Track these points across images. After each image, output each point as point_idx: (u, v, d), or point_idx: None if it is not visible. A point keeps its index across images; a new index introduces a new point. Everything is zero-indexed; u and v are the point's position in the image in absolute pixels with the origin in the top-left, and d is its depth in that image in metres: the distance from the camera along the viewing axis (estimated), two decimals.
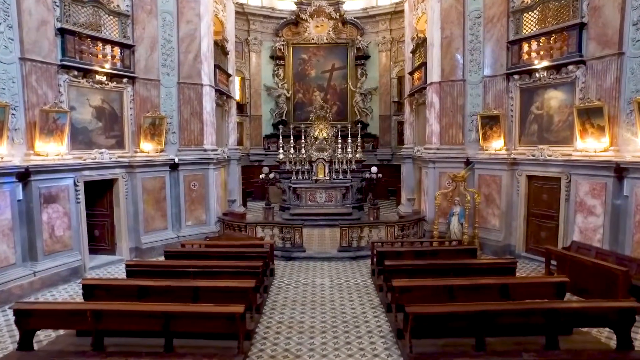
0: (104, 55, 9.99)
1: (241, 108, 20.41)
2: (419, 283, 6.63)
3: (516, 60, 10.39)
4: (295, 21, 20.15)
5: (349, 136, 15.49)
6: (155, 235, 11.07)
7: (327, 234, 12.99)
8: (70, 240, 9.17)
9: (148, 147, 10.83)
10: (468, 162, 11.33)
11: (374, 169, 13.51)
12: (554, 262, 8.61)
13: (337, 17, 19.82)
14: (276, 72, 20.74)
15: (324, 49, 20.62)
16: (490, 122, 10.80)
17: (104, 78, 9.94)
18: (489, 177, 10.98)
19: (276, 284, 9.06)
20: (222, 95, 13.65)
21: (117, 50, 10.27)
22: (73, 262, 9.20)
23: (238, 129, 19.97)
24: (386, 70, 20.55)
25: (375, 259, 9.11)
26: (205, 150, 12.01)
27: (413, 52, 14.17)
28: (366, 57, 20.69)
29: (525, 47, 10.19)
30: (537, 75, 9.90)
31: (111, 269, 10.12)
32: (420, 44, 13.30)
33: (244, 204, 17.41)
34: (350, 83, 20.58)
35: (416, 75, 13.77)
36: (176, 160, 11.34)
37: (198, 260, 8.15)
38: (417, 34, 13.82)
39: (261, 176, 13.70)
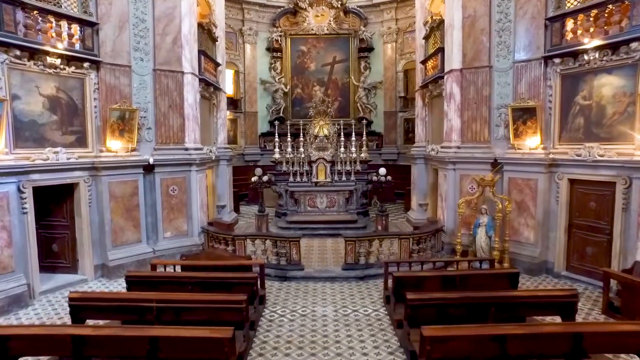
0: (59, 34, 8.03)
1: (235, 104, 18.48)
2: (458, 332, 4.68)
3: (557, 41, 8.43)
4: (293, 10, 18.17)
5: (353, 134, 13.51)
6: (125, 249, 9.11)
7: (329, 245, 11.03)
8: (10, 260, 7.20)
9: (116, 146, 8.86)
10: (496, 163, 9.38)
11: (382, 170, 11.54)
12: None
13: (339, 5, 17.86)
14: (273, 65, 18.78)
15: (325, 41, 18.67)
16: (523, 115, 8.85)
17: (58, 61, 7.97)
18: (522, 181, 9.03)
19: (267, 315, 7.11)
20: (209, 87, 11.67)
21: (75, 28, 8.31)
22: (14, 288, 7.22)
23: (232, 126, 18.11)
24: (391, 63, 18.57)
25: (390, 284, 7.16)
26: (186, 149, 10.05)
27: (426, 37, 12.20)
28: (370, 49, 18.73)
29: (570, 24, 8.24)
30: (585, 57, 7.94)
31: (69, 292, 8.15)
32: (436, 28, 11.33)
33: (237, 209, 15.44)
34: (352, 77, 18.63)
35: (430, 63, 11.80)
36: (151, 160, 9.37)
37: (167, 290, 6.18)
38: (431, 17, 11.84)
39: (253, 179, 11.74)
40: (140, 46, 9.35)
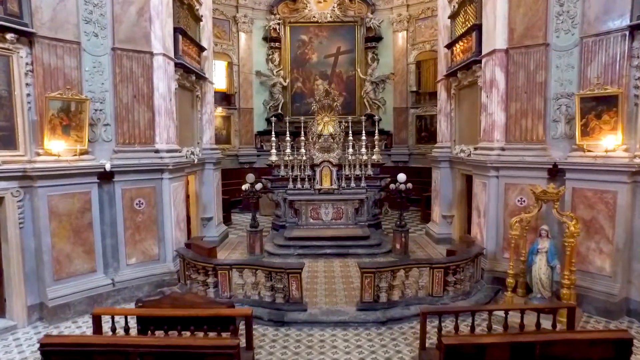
0: None
1: (228, 99, 16.10)
2: None
3: None
4: None
5: (363, 132, 11.13)
6: (73, 283, 6.74)
7: (338, 269, 8.67)
8: None
9: (59, 147, 6.48)
10: (556, 170, 7.03)
11: (401, 176, 9.14)
12: None
13: None
14: (270, 57, 16.36)
15: (328, 29, 16.25)
16: (597, 106, 6.47)
17: None
18: (593, 194, 6.66)
19: None
20: (190, 75, 9.28)
21: None
22: None
23: (224, 124, 15.77)
24: (402, 54, 16.16)
25: (427, 332, 4.81)
26: (157, 151, 7.68)
27: (453, 15, 9.80)
28: (378, 38, 16.32)
29: None
30: None
31: None
32: (468, 1, 8.93)
33: (228, 219, 13.08)
34: (359, 70, 16.22)
35: (459, 46, 9.42)
36: (107, 166, 6.99)
37: None
38: None
39: (244, 187, 9.35)
40: (94, 17, 6.97)
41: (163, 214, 7.75)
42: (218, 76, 15.79)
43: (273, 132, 11.32)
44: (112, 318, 5.11)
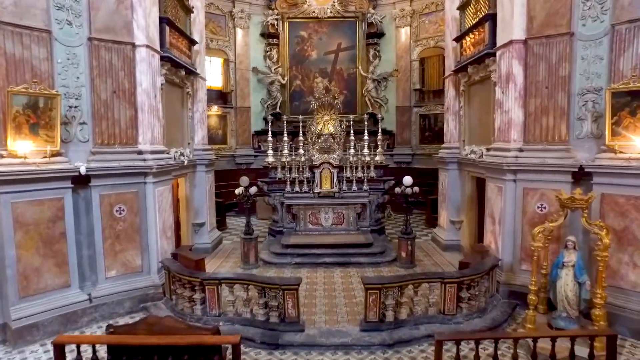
0: None
1: (224, 98, 15.33)
2: None
3: None
4: None
5: (366, 132, 10.34)
6: (43, 300, 5.94)
7: (338, 280, 7.88)
8: None
9: (25, 148, 5.68)
10: (582, 173, 6.24)
11: (407, 179, 8.34)
12: None
13: None
14: (268, 54, 15.59)
15: (328, 25, 15.46)
16: (633, 102, 5.67)
17: None
18: (626, 200, 5.86)
19: None
20: (179, 70, 8.49)
21: None
22: None
23: (220, 123, 15.01)
24: (405, 50, 15.37)
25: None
26: (140, 152, 6.88)
27: (462, 6, 8.99)
28: (380, 34, 15.53)
29: None
30: None
31: None
32: None
33: (223, 223, 12.29)
34: (360, 67, 15.43)
35: (470, 39, 8.63)
36: (82, 170, 6.19)
37: None
38: None
39: (238, 191, 8.55)
40: (67, 3, 6.17)
41: (147, 222, 6.96)
42: (214, 73, 15.04)
43: (270, 132, 10.53)
44: (78, 347, 4.33)
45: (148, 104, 6.98)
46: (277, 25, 15.37)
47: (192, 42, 9.26)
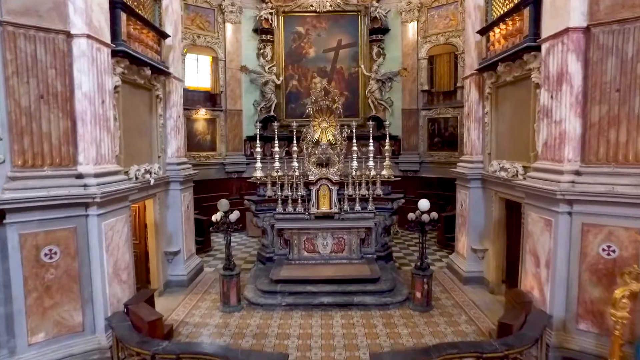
0: None
1: (213, 100, 13.53)
2: None
3: None
4: None
5: (371, 140, 8.56)
6: None
7: (339, 329, 6.11)
8: None
9: None
10: None
11: (424, 203, 6.53)
12: None
13: None
14: (262, 51, 13.73)
15: (327, 20, 13.62)
16: None
17: None
18: None
19: None
20: (143, 68, 6.67)
21: None
22: None
23: (209, 127, 13.26)
24: (412, 48, 13.54)
25: None
26: (80, 175, 5.12)
27: None
28: (385, 30, 13.68)
29: None
30: None
31: None
32: None
33: (207, 244, 10.52)
34: (362, 66, 13.60)
35: (500, 31, 6.83)
36: None
37: None
38: None
39: (215, 217, 6.77)
40: None
41: (90, 266, 5.20)
42: (201, 73, 13.27)
43: (258, 141, 8.75)
44: None
45: (91, 113, 5.20)
46: (271, 20, 13.53)
47: (163, 35, 7.47)
